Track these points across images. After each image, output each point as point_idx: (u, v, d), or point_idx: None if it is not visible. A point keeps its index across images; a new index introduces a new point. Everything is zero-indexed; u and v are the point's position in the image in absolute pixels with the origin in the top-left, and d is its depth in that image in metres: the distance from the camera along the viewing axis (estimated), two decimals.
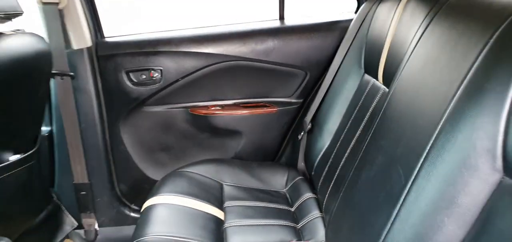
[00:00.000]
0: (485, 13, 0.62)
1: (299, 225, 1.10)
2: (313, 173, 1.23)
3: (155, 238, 0.96)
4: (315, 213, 1.10)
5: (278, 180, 1.32)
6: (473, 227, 0.51)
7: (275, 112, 1.52)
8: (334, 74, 1.30)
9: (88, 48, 1.42)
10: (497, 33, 0.56)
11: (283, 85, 1.50)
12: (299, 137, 1.39)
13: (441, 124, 0.59)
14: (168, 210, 1.08)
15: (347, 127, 1.11)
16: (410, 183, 0.61)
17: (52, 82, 1.41)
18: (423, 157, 0.60)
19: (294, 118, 1.54)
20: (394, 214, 0.62)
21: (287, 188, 1.29)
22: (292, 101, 1.52)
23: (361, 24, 1.24)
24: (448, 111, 0.58)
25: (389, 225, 0.63)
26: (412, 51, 0.80)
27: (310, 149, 1.30)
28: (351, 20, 1.32)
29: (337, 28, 1.41)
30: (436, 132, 0.59)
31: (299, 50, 1.43)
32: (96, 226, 1.56)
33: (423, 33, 0.79)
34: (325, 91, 1.32)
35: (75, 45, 1.39)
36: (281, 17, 1.52)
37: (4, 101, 1.02)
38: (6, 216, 1.14)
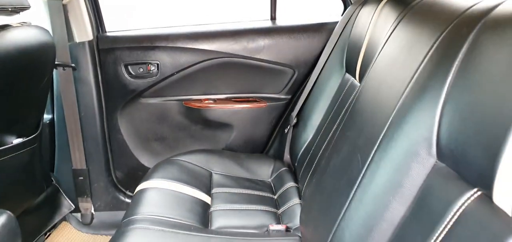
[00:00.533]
0: (436, 18, 0.70)
1: (280, 211, 1.18)
2: (296, 164, 1.32)
3: (145, 217, 1.05)
4: (295, 200, 1.18)
5: (264, 171, 1.41)
6: (412, 204, 0.60)
7: (265, 107, 1.60)
8: (319, 72, 1.38)
9: (90, 42, 1.50)
10: (440, 38, 0.64)
11: (273, 82, 1.58)
12: (286, 131, 1.48)
13: (392, 116, 0.67)
14: (158, 193, 1.17)
15: (327, 122, 1.19)
16: (365, 168, 0.69)
17: (54, 72, 1.49)
18: (377, 145, 0.68)
19: (282, 113, 1.62)
20: (351, 195, 0.70)
21: (272, 178, 1.37)
22: (280, 97, 1.60)
23: (344, 26, 1.32)
24: (398, 105, 0.67)
25: (347, 204, 0.71)
26: (380, 51, 0.88)
27: (295, 142, 1.38)
28: (336, 22, 1.41)
29: (323, 30, 1.49)
30: (388, 123, 0.67)
31: (288, 49, 1.51)
32: (92, 210, 1.65)
33: (390, 35, 0.87)
34: (310, 88, 1.40)
35: (77, 38, 1.48)
36: (273, 18, 1.61)
37: (10, 88, 1.11)
38: (9, 194, 1.23)
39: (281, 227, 1.07)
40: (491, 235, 0.44)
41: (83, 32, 1.49)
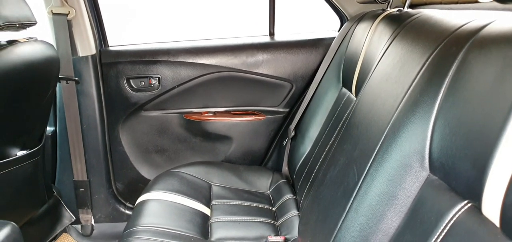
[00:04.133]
0: (428, 37, 0.74)
1: (278, 223, 1.20)
2: (294, 176, 1.34)
3: (146, 228, 1.07)
4: (293, 212, 1.20)
5: (263, 183, 1.43)
6: (406, 214, 0.62)
7: (263, 120, 1.63)
8: (316, 86, 1.42)
9: (93, 56, 1.54)
10: (432, 56, 0.68)
11: (271, 95, 1.61)
12: (284, 143, 1.50)
13: (386, 130, 0.70)
14: (158, 205, 1.19)
15: (324, 135, 1.22)
16: (361, 180, 0.72)
17: (58, 85, 1.52)
18: (372, 158, 0.71)
19: (281, 126, 1.65)
20: (348, 206, 0.73)
21: (270, 190, 1.40)
22: (279, 111, 1.63)
23: (341, 42, 1.36)
24: (392, 120, 0.70)
25: (344, 215, 0.73)
26: (375, 67, 0.91)
27: (293, 154, 1.41)
28: (333, 38, 1.45)
29: (321, 45, 1.53)
30: (383, 137, 0.70)
31: (286, 64, 1.55)
32: (93, 222, 1.66)
33: (385, 52, 0.91)
34: (308, 102, 1.44)
35: (81, 53, 1.51)
36: (271, 33, 1.65)
37: (16, 101, 1.13)
38: (12, 205, 1.24)
39: (279, 238, 1.09)
40: None
41: (87, 46, 1.52)
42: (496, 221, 0.46)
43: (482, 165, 0.48)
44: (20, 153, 1.24)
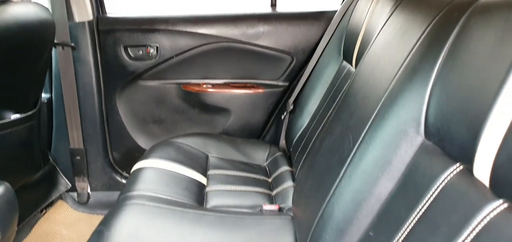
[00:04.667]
0: (430, 4, 0.72)
1: (274, 193, 1.21)
2: (291, 149, 1.34)
3: (141, 194, 1.07)
4: (289, 183, 1.20)
5: (260, 155, 1.43)
6: (399, 180, 0.62)
7: (262, 94, 1.62)
8: (317, 60, 1.40)
9: (90, 22, 1.51)
10: (433, 22, 0.66)
11: (271, 68, 1.59)
12: (282, 117, 1.50)
13: (384, 97, 0.69)
14: (154, 172, 1.19)
15: (322, 108, 1.21)
16: (356, 147, 0.71)
17: (53, 51, 1.50)
18: (368, 125, 0.70)
19: (280, 100, 1.64)
20: (342, 172, 0.73)
21: (267, 162, 1.40)
22: (278, 84, 1.62)
23: (343, 15, 1.34)
24: (390, 87, 0.69)
25: (337, 181, 0.73)
26: (376, 37, 0.90)
27: (291, 128, 1.40)
28: (336, 11, 1.42)
29: (323, 18, 1.51)
30: (380, 104, 0.69)
31: (287, 36, 1.53)
32: (89, 190, 1.67)
33: (386, 21, 0.89)
34: (308, 75, 1.42)
35: (77, 18, 1.49)
36: (273, 4, 1.62)
37: (9, 63, 1.12)
38: (7, 169, 1.25)
39: (274, 207, 1.09)
40: (469, 204, 0.46)
41: (84, 12, 1.50)
42: (486, 181, 0.45)
43: (477, 126, 0.47)
44: (14, 116, 1.23)
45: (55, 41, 1.41)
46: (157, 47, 1.56)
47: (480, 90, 0.49)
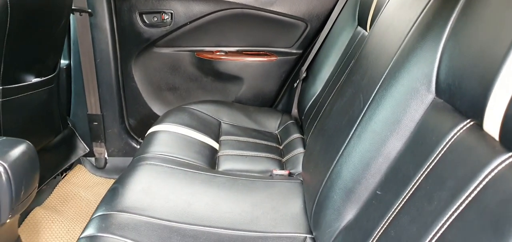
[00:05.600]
0: None
1: (284, 159, 1.22)
2: (303, 117, 1.34)
3: (155, 155, 1.10)
4: (299, 150, 1.21)
5: (272, 123, 1.43)
6: (408, 139, 0.61)
7: (275, 62, 1.61)
8: (331, 26, 1.38)
9: None
10: None
11: (284, 36, 1.58)
12: (295, 85, 1.49)
13: (396, 56, 0.68)
14: (168, 135, 1.21)
15: (336, 74, 1.20)
16: (366, 107, 0.71)
17: (72, 18, 1.53)
18: (379, 84, 0.70)
19: (293, 68, 1.63)
20: (351, 133, 0.73)
21: (279, 130, 1.40)
22: (292, 52, 1.60)
23: None
24: (402, 45, 0.67)
25: (346, 142, 0.73)
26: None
27: (303, 96, 1.40)
28: None
29: None
30: (392, 62, 0.68)
31: (301, 2, 1.50)
32: (106, 155, 1.72)
33: None
34: (322, 42, 1.40)
35: None
36: None
37: (29, 28, 1.14)
38: (28, 130, 1.29)
39: (284, 172, 1.10)
40: (478, 158, 0.46)
41: None
42: (496, 135, 0.45)
43: (488, 80, 0.46)
44: (35, 80, 1.26)
45: (73, 7, 1.43)
46: (171, 14, 1.56)
47: (494, 44, 0.47)
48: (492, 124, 0.45)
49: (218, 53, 1.62)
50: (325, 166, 0.78)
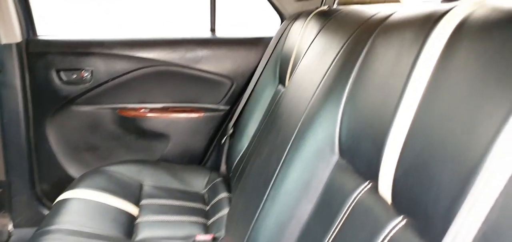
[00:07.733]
0: (346, 26, 0.74)
1: (209, 222, 1.16)
2: (231, 174, 1.31)
3: (60, 228, 0.98)
4: (226, 210, 1.16)
5: (199, 182, 1.38)
6: (317, 200, 0.61)
7: (202, 118, 1.59)
8: (254, 84, 1.41)
9: (18, 44, 1.42)
10: (346, 43, 0.68)
11: (211, 92, 1.57)
12: (222, 141, 1.47)
13: (303, 117, 0.69)
14: (79, 203, 1.10)
15: (260, 131, 1.20)
16: (279, 167, 0.70)
17: None
18: (290, 144, 0.70)
19: (221, 124, 1.61)
20: (266, 194, 0.71)
21: (206, 189, 1.35)
22: (219, 108, 1.60)
23: (278, 40, 1.37)
24: (308, 106, 0.69)
25: (262, 204, 0.71)
26: (301, 60, 0.91)
27: (231, 152, 1.38)
28: (272, 37, 1.45)
29: (260, 43, 1.53)
30: (299, 124, 0.69)
31: (226, 61, 1.53)
32: (10, 227, 1.51)
33: (310, 44, 0.91)
34: (246, 99, 1.42)
35: (3, 40, 1.38)
36: (212, 30, 1.62)
37: None
38: None
39: (208, 237, 1.04)
40: (374, 221, 0.46)
41: (11, 33, 1.40)
42: (388, 198, 0.45)
43: (380, 143, 0.47)
44: None
45: None
46: (91, 71, 1.49)
47: (382, 106, 0.49)
48: (385, 186, 0.46)
49: (142, 110, 1.56)
50: (244, 230, 0.75)
